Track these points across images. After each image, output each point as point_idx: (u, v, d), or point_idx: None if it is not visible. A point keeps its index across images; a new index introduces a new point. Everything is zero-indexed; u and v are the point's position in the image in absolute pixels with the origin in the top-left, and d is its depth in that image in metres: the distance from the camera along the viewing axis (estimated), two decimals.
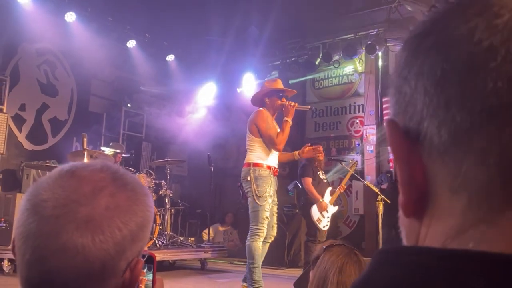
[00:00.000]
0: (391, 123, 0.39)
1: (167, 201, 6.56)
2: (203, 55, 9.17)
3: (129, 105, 9.11)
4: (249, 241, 4.13)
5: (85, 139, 5.26)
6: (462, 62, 0.34)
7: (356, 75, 8.92)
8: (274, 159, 4.29)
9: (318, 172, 5.63)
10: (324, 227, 5.43)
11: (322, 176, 5.67)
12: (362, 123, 8.70)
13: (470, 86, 0.34)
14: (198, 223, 9.51)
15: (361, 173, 7.82)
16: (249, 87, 9.01)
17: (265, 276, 4.34)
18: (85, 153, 5.22)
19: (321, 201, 5.43)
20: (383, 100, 8.31)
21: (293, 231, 7.71)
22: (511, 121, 0.32)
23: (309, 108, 5.24)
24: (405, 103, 0.38)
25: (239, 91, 9.35)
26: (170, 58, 9.10)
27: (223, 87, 9.53)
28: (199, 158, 8.69)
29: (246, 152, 4.32)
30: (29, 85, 7.56)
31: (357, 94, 8.91)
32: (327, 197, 5.58)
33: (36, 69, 7.71)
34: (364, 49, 7.94)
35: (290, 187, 7.21)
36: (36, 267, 0.62)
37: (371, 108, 8.52)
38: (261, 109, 4.33)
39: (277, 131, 4.25)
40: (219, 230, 9.08)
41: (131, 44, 8.32)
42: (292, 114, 4.25)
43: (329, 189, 5.67)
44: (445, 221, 0.36)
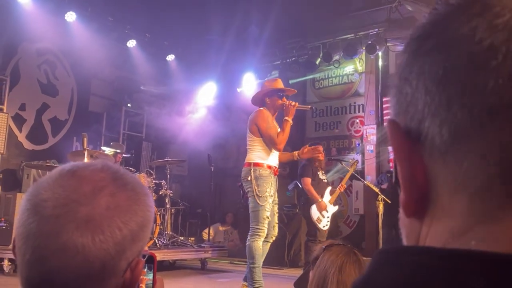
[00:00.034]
0: (392, 123, 0.40)
1: (167, 201, 6.56)
2: (203, 54, 9.17)
3: (129, 105, 9.12)
4: (249, 241, 4.13)
5: (85, 139, 5.26)
6: (463, 61, 0.34)
7: (356, 75, 8.91)
8: (274, 158, 4.28)
9: (318, 172, 5.62)
10: (324, 226, 5.43)
11: (322, 176, 5.66)
12: (362, 123, 8.70)
13: (470, 84, 0.34)
14: (198, 223, 9.52)
15: (361, 173, 7.82)
16: (249, 86, 9.01)
17: (265, 276, 4.34)
18: (85, 153, 5.22)
19: (320, 201, 5.42)
20: (383, 100, 8.31)
21: (293, 231, 7.71)
22: (511, 121, 0.32)
23: (309, 107, 5.23)
24: (406, 103, 0.38)
25: (239, 91, 9.35)
26: (170, 58, 9.10)
27: (223, 87, 9.53)
28: (199, 158, 8.69)
29: (246, 152, 4.32)
30: (29, 85, 7.56)
31: (357, 94, 8.91)
32: (327, 197, 5.57)
33: (36, 69, 7.71)
34: (364, 49, 7.94)
35: (290, 187, 7.21)
36: (36, 267, 0.62)
37: (371, 108, 8.52)
38: (262, 108, 4.32)
39: (278, 130, 4.25)
40: (219, 230, 9.09)
41: (131, 44, 8.33)
42: (292, 113, 4.24)
43: (329, 188, 5.66)
44: (446, 221, 0.36)
